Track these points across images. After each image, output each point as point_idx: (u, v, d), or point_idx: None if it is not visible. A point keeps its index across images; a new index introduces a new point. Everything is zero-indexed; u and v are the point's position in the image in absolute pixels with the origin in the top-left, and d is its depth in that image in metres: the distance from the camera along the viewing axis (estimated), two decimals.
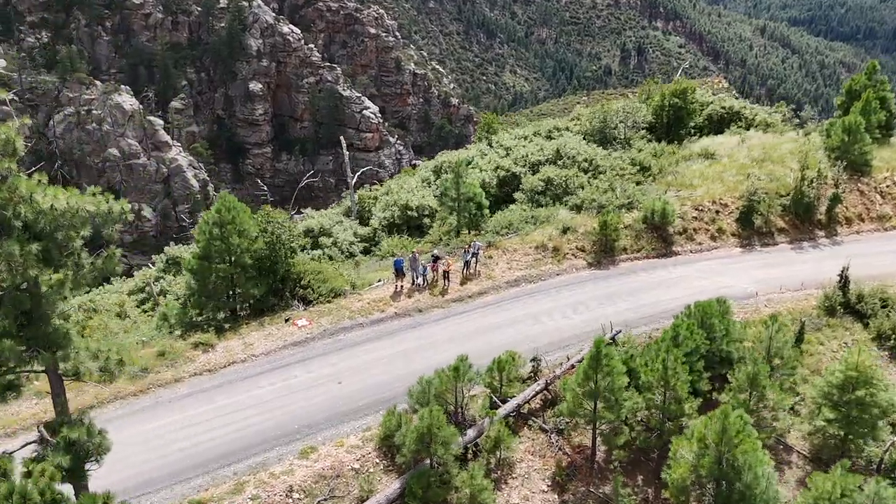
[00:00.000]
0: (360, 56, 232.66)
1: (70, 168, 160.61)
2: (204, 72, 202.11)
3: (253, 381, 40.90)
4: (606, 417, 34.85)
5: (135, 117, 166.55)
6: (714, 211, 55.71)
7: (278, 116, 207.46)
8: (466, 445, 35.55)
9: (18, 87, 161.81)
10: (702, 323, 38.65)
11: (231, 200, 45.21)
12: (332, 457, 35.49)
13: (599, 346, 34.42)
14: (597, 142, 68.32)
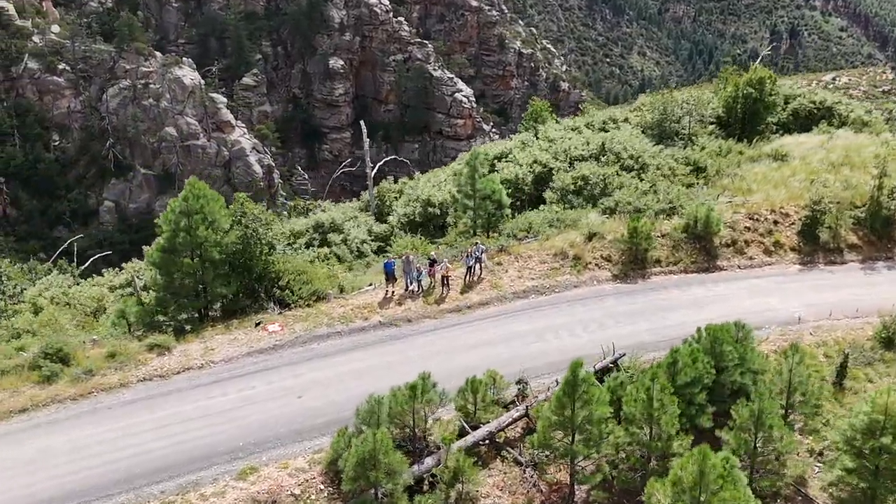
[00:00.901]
0: (458, 32, 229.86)
1: (123, 147, 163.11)
2: (280, 45, 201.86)
3: (206, 389, 41.52)
4: (582, 452, 34.40)
5: (195, 94, 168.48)
6: (772, 221, 54.47)
7: (361, 97, 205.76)
8: (423, 476, 35.40)
9: (71, 56, 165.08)
10: (711, 349, 37.83)
11: (201, 187, 45.93)
12: (272, 480, 35.80)
13: (576, 371, 34.04)
14: (655, 136, 67.35)
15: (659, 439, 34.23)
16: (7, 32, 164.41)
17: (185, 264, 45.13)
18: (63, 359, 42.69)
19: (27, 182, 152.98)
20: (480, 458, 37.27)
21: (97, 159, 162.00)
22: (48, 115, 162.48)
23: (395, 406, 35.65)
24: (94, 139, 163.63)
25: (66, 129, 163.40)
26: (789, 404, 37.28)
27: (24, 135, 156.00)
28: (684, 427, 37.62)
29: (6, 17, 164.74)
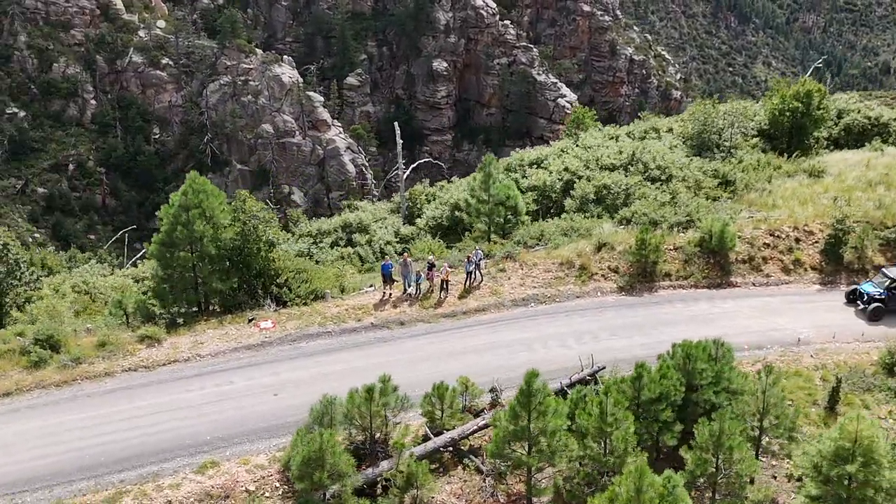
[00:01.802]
0: (569, 37, 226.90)
1: (220, 142, 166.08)
2: (386, 46, 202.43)
3: (186, 382, 42.25)
4: (533, 463, 34.14)
5: (293, 92, 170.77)
6: (794, 238, 53.22)
7: (463, 100, 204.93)
8: (376, 479, 35.45)
9: (175, 51, 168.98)
10: (683, 367, 37.18)
11: (201, 182, 46.69)
12: (230, 475, 36.23)
13: (530, 381, 33.78)
14: (694, 147, 66.36)
15: (611, 454, 33.71)
16: (114, 26, 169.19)
17: (181, 258, 45.85)
18: (53, 346, 43.76)
19: (127, 173, 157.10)
20: (442, 465, 37.20)
21: (195, 153, 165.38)
22: (150, 108, 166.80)
23: (352, 408, 35.70)
24: (193, 133, 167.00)
25: (166, 122, 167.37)
26: (763, 427, 36.33)
27: (126, 127, 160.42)
28: (652, 445, 37.23)
29: (114, 11, 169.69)
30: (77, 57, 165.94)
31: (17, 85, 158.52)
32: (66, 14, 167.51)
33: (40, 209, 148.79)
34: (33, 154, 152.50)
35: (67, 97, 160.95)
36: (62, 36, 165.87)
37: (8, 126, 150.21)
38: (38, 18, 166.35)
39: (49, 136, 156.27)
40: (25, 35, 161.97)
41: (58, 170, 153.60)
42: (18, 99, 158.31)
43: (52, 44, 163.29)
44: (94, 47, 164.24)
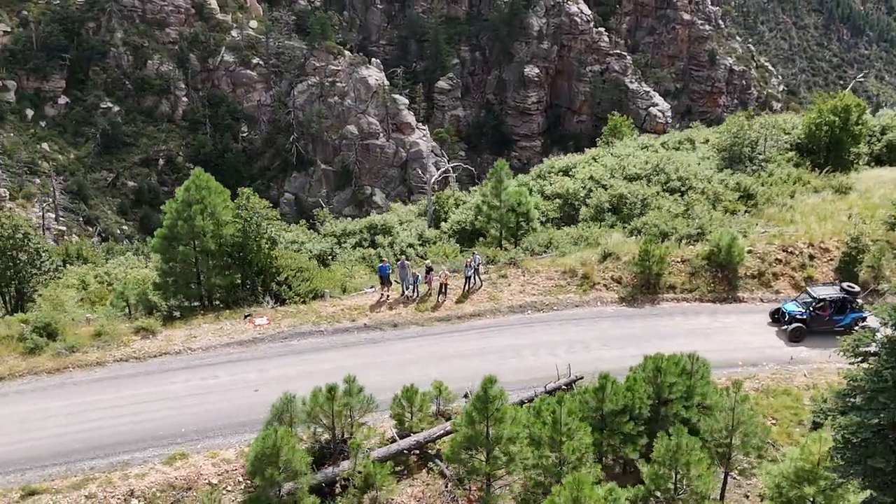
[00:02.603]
0: (667, 45, 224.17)
1: (306, 142, 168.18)
2: (479, 51, 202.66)
3: (173, 375, 43.01)
4: (485, 469, 34.07)
5: (378, 94, 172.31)
6: (808, 255, 52.14)
7: (554, 107, 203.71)
8: (336, 478, 35.64)
9: (265, 51, 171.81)
10: (653, 380, 36.74)
11: (205, 178, 47.44)
12: (195, 468, 36.77)
13: (487, 387, 33.72)
14: (726, 160, 65.43)
15: (564, 464, 33.46)
16: (208, 26, 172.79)
17: (182, 252, 46.60)
18: (51, 334, 44.78)
19: (214, 169, 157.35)
20: (407, 468, 37.26)
21: (281, 152, 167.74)
22: (239, 106, 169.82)
23: (315, 406, 35.95)
24: (279, 133, 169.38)
25: (254, 121, 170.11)
26: (731, 444, 35.73)
27: (216, 125, 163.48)
28: (617, 458, 36.90)
29: (208, 10, 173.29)
30: (171, 55, 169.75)
31: (113, 81, 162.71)
32: (161, 12, 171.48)
33: (129, 202, 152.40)
34: (125, 148, 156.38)
35: (160, 94, 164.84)
36: (157, 34, 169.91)
37: (102, 120, 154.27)
38: (135, 16, 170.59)
39: (141, 132, 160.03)
40: (122, 32, 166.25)
41: (148, 164, 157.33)
42: (113, 94, 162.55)
43: (147, 41, 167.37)
44: (187, 46, 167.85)
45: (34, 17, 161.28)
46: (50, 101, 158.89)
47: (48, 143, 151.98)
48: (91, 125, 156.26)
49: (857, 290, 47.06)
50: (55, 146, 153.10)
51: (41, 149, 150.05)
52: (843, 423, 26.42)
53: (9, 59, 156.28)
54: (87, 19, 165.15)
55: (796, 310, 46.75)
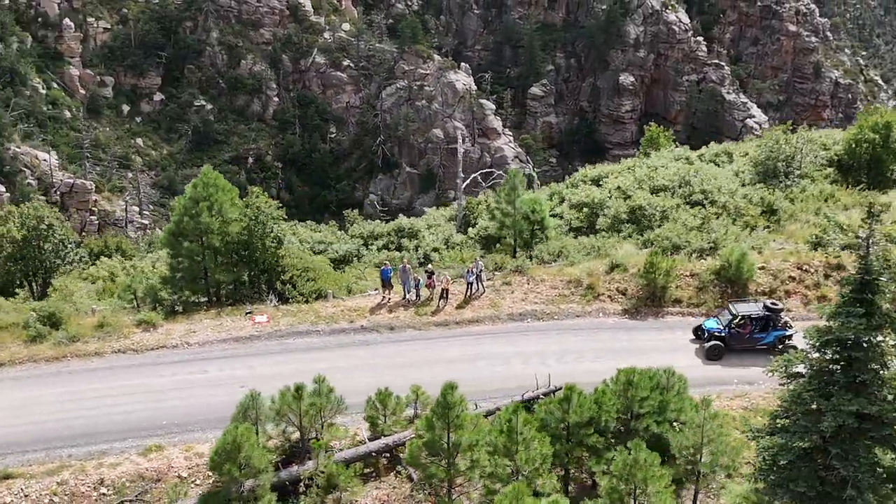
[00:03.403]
0: (771, 56, 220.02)
1: (392, 145, 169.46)
2: (574, 58, 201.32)
3: (165, 368, 43.83)
4: (440, 475, 33.99)
5: (465, 99, 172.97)
6: (823, 274, 50.88)
7: (649, 115, 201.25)
8: (299, 478, 35.82)
9: (356, 54, 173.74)
10: (623, 393, 36.25)
11: (213, 176, 48.11)
12: (168, 460, 37.37)
13: (447, 393, 33.63)
14: (760, 174, 64.27)
15: (519, 474, 33.20)
16: (301, 27, 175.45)
17: (188, 248, 47.30)
18: (55, 323, 45.80)
19: (302, 169, 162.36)
20: (376, 471, 37.32)
21: (367, 154, 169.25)
22: (328, 108, 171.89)
23: (283, 405, 36.19)
24: (367, 135, 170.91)
25: (342, 122, 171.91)
26: (698, 461, 35.08)
27: (305, 125, 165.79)
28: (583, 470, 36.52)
29: (302, 12, 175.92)
30: (264, 55, 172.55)
31: (207, 79, 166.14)
32: (256, 13, 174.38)
33: None
34: (216, 146, 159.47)
35: (252, 93, 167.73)
36: (252, 34, 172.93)
37: (195, 118, 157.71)
38: (231, 17, 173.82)
39: (232, 130, 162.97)
40: (218, 32, 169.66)
41: (237, 162, 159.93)
42: (207, 92, 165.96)
43: (241, 41, 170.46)
44: (280, 46, 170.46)
45: (133, 15, 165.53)
46: (146, 97, 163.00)
47: (142, 139, 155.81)
48: (184, 122, 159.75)
49: (780, 308, 45.50)
50: (149, 142, 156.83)
51: (135, 144, 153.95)
52: (766, 444, 25.78)
53: (108, 56, 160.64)
54: (184, 18, 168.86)
55: (716, 327, 45.35)
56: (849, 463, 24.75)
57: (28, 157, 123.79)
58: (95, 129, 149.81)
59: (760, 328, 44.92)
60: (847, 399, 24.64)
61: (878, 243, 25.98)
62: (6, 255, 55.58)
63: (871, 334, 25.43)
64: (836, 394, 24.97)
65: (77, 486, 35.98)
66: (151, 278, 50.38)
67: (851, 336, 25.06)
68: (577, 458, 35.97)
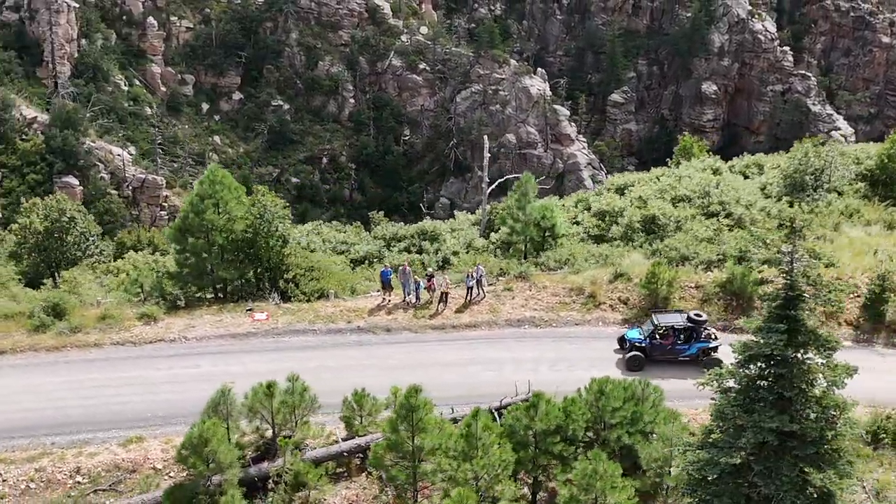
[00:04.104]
0: (863, 68, 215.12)
1: (465, 149, 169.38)
2: (657, 65, 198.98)
3: (160, 361, 44.53)
4: (400, 477, 34.02)
5: (539, 104, 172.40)
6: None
7: (731, 125, 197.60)
8: (268, 475, 36.06)
9: (432, 57, 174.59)
10: (595, 403, 35.93)
11: (221, 174, 48.62)
12: (145, 452, 37.88)
13: (410, 396, 33.66)
14: (787, 187, 63.14)
15: (479, 479, 33.07)
16: (379, 30, 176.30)
17: (192, 244, 47.85)
18: (59, 313, 46.65)
19: (375, 171, 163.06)
20: (348, 470, 37.44)
21: (440, 157, 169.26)
22: (403, 110, 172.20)
23: (255, 402, 36.46)
24: (440, 138, 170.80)
25: (416, 125, 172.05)
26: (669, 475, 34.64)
27: (379, 127, 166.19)
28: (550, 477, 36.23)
29: (380, 15, 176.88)
30: (341, 57, 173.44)
31: (285, 79, 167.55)
32: (336, 15, 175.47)
33: (291, 198, 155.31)
34: (291, 145, 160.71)
35: (328, 94, 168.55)
36: (330, 36, 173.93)
37: (271, 117, 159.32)
38: (311, 18, 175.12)
39: (307, 130, 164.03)
40: (297, 33, 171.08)
41: (311, 162, 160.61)
42: (284, 92, 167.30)
43: (320, 43, 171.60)
44: (357, 48, 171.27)
45: (215, 14, 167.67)
46: (225, 96, 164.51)
47: (219, 137, 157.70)
48: (261, 121, 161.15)
49: (703, 319, 44.49)
50: (226, 140, 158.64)
51: (212, 141, 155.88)
52: (691, 458, 25.29)
53: (189, 55, 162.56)
54: (264, 19, 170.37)
55: (637, 337, 44.43)
56: (771, 481, 24.17)
57: (102, 152, 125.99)
58: (174, 127, 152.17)
59: (683, 339, 44.14)
60: (769, 416, 24.09)
61: (800, 259, 25.36)
62: (29, 247, 56.67)
63: (795, 351, 24.85)
64: (760, 410, 24.42)
65: (54, 473, 36.67)
66: (160, 273, 50.77)
67: (776, 352, 24.49)
68: (544, 467, 35.53)
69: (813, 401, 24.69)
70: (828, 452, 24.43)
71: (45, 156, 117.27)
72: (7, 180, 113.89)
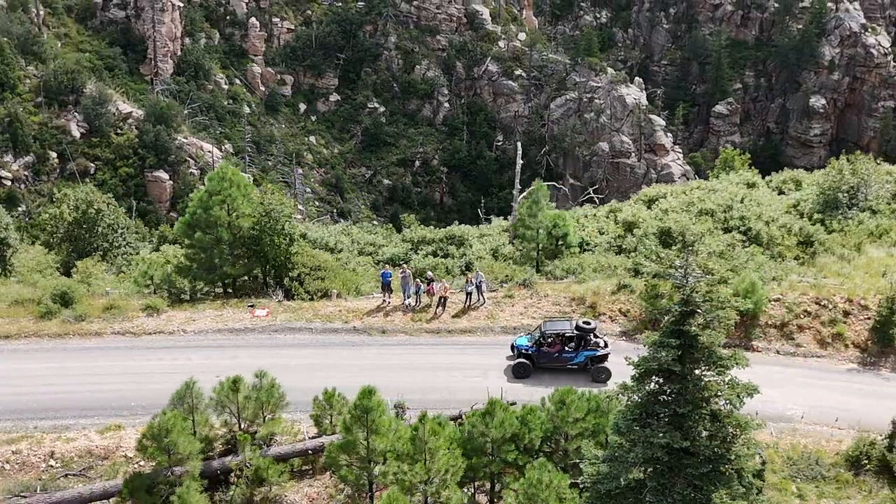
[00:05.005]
0: None
1: (557, 156, 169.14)
2: (764, 77, 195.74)
3: (154, 352, 45.23)
4: (349, 477, 34.04)
5: (634, 113, 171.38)
6: (842, 310, 48.34)
7: (839, 140, 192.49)
8: (230, 469, 36.30)
9: (528, 64, 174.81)
10: (555, 413, 35.50)
11: (229, 171, 49.22)
12: (119, 439, 38.47)
13: (364, 398, 33.68)
14: (820, 204, 61.58)
15: (427, 483, 32.89)
16: (477, 35, 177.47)
17: (197, 238, 48.52)
18: (67, 302, 47.69)
19: (466, 175, 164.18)
20: (314, 469, 37.54)
21: (531, 164, 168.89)
22: (497, 116, 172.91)
23: (221, 396, 36.78)
24: (532, 144, 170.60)
25: (510, 131, 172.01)
26: None
27: (472, 132, 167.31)
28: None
29: (479, 20, 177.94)
30: (438, 61, 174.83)
31: (382, 82, 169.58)
32: (435, 20, 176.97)
33: (383, 199, 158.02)
34: (384, 147, 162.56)
35: (424, 98, 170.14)
36: (428, 40, 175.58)
37: (366, 119, 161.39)
38: (410, 22, 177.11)
39: (401, 133, 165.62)
40: (395, 37, 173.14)
41: (404, 164, 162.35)
42: (380, 95, 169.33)
43: (417, 47, 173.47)
44: (454, 53, 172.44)
45: (317, 17, 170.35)
46: (322, 97, 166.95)
47: (315, 137, 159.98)
48: (356, 123, 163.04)
49: (592, 327, 43.59)
50: (321, 140, 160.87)
51: (307, 141, 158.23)
52: (589, 471, 24.78)
53: (289, 56, 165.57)
54: (364, 22, 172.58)
55: (526, 344, 43.68)
56: (664, 498, 23.53)
57: (193, 148, 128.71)
58: (270, 126, 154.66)
59: (571, 348, 43.53)
60: (661, 432, 23.46)
61: (691, 274, 24.64)
62: (60, 236, 58.07)
63: (688, 367, 24.18)
64: (654, 426, 23.81)
65: (29, 456, 37.46)
66: (171, 266, 51.57)
67: (667, 367, 23.85)
68: (499, 475, 35.21)
69: (707, 418, 23.97)
70: (726, 472, 23.69)
71: (137, 150, 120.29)
72: (100, 172, 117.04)
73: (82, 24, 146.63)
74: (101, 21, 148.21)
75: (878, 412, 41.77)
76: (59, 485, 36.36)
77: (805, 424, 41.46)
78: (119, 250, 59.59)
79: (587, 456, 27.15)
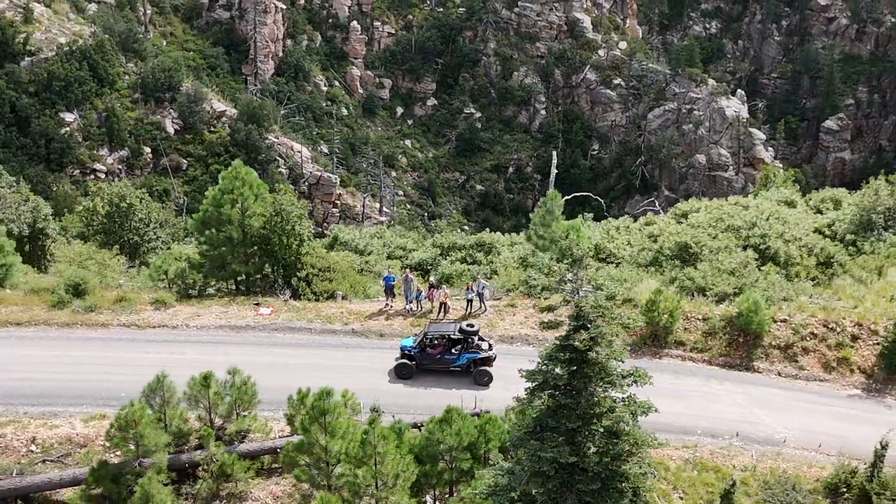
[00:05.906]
0: None
1: (653, 167, 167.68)
2: (878, 93, 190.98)
3: (153, 346, 45.85)
4: (304, 478, 34.18)
5: (734, 126, 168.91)
6: (850, 335, 46.91)
7: None
8: (198, 463, 36.70)
9: (627, 73, 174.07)
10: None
11: (243, 171, 49.79)
12: (101, 428, 39.10)
13: (320, 399, 33.82)
14: (854, 224, 59.85)
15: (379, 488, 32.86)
16: (577, 43, 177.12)
17: (207, 236, 49.21)
18: (79, 293, 48.78)
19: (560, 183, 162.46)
20: (281, 467, 37.70)
21: (626, 174, 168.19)
22: (593, 124, 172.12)
23: (194, 391, 37.21)
24: (628, 154, 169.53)
25: (606, 140, 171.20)
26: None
27: (568, 140, 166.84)
28: None
29: (579, 28, 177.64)
30: (536, 68, 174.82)
31: (479, 88, 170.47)
32: (535, 27, 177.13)
33: (475, 204, 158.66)
34: (479, 153, 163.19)
35: (520, 105, 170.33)
36: (527, 47, 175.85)
37: (462, 124, 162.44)
38: (510, 29, 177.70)
39: (496, 139, 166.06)
40: (495, 43, 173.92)
41: (497, 170, 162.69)
42: (477, 101, 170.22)
43: (516, 53, 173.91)
44: (553, 61, 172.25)
45: (417, 21, 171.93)
46: (419, 101, 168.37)
47: (410, 141, 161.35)
48: (452, 128, 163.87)
49: (475, 330, 43.38)
50: (416, 144, 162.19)
51: (403, 145, 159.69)
52: (488, 482, 24.45)
53: (388, 59, 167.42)
54: (464, 28, 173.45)
55: (410, 345, 43.45)
56: None
57: (284, 148, 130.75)
58: (367, 128, 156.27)
59: (455, 350, 43.44)
60: (549, 446, 23.01)
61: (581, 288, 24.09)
62: (94, 229, 59.45)
63: (581, 382, 23.66)
64: (545, 439, 23.38)
65: (12, 440, 38.32)
66: (182, 261, 52.38)
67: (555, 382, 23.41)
68: (453, 482, 34.99)
69: (598, 435, 23.45)
70: (621, 489, 23.17)
71: (228, 147, 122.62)
72: (191, 168, 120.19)
73: (188, 24, 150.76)
74: (206, 21, 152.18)
75: (872, 440, 40.20)
76: (36, 470, 37.02)
77: (790, 448, 40.40)
78: (149, 244, 60.70)
79: (493, 466, 26.78)
